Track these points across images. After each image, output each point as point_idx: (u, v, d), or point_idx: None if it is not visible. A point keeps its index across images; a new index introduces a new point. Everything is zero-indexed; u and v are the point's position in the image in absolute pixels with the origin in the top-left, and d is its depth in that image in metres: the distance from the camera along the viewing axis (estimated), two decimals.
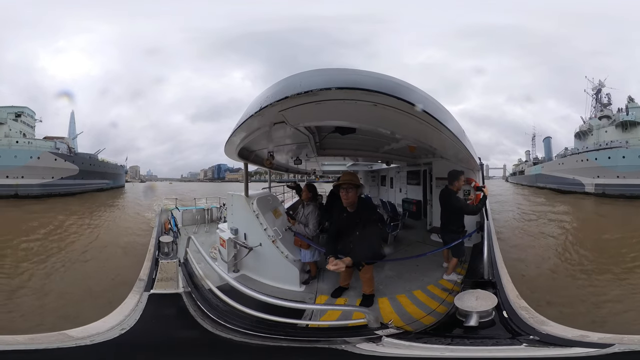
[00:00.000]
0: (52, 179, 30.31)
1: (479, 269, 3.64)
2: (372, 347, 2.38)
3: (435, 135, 3.00)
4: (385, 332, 2.52)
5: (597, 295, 6.44)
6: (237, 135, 3.24)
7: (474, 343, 2.42)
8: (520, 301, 2.86)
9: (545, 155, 62.64)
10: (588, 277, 7.54)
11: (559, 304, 5.68)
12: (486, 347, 2.39)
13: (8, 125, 33.06)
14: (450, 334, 2.60)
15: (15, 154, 28.69)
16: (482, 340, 2.44)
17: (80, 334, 2.59)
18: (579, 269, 8.22)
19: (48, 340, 2.50)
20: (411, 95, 2.10)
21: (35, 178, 28.78)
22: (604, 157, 32.44)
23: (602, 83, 43.61)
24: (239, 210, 4.62)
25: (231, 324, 2.87)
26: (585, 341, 2.31)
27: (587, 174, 33.32)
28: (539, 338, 2.36)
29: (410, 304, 3.59)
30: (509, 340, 2.41)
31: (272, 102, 2.16)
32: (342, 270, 3.05)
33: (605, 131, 38.66)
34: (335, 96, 2.03)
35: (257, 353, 2.55)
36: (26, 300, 6.24)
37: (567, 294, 6.45)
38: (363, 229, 3.31)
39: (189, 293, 3.45)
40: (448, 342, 2.44)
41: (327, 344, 2.46)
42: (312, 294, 3.95)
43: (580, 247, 10.50)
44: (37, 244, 10.75)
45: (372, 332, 2.54)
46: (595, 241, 11.50)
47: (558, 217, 17.30)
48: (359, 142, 5.08)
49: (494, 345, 2.38)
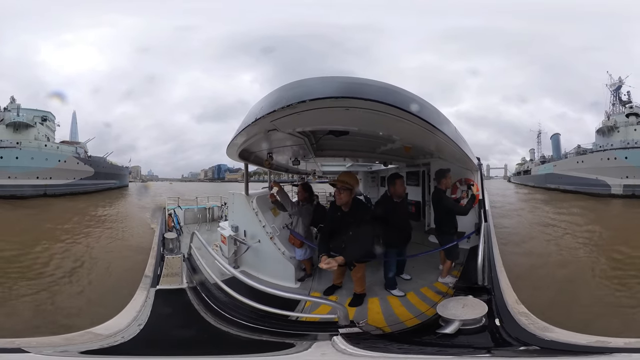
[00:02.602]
0: (74, 179, 32.30)
1: (474, 273, 3.41)
2: (321, 346, 2.29)
3: (427, 136, 2.94)
4: (346, 331, 2.43)
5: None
6: (237, 139, 3.37)
7: (440, 352, 2.21)
8: (519, 306, 2.65)
9: (553, 154, 55.12)
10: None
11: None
12: (442, 356, 2.16)
13: (37, 128, 34.51)
14: (419, 339, 2.46)
15: (46, 156, 30.38)
16: (457, 350, 2.21)
17: (108, 331, 2.58)
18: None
19: (81, 339, 2.45)
20: (389, 98, 2.11)
21: (61, 179, 30.56)
22: (636, 155, 28.67)
23: (622, 80, 38.99)
24: (240, 208, 4.67)
25: (231, 315, 2.93)
26: (605, 346, 2.01)
27: (614, 174, 29.23)
28: (540, 346, 2.06)
29: (400, 306, 3.49)
30: (485, 350, 2.15)
31: (263, 115, 2.34)
32: (335, 269, 3.03)
33: (634, 129, 33.90)
34: (310, 106, 2.14)
35: (243, 344, 2.55)
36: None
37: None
38: (356, 229, 3.26)
39: (193, 288, 3.51)
40: (402, 350, 2.28)
41: (301, 339, 2.41)
42: (306, 291, 3.95)
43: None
44: (99, 228, 13.97)
45: (336, 330, 2.46)
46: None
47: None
48: (356, 143, 5.06)
49: (468, 355, 2.14)
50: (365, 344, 2.28)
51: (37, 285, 6.33)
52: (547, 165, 47.37)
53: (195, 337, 2.77)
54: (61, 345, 2.35)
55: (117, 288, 5.09)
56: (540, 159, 58.84)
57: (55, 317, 4.99)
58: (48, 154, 31.09)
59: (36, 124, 34.68)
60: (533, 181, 50.30)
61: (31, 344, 2.24)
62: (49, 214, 18.44)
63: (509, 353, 2.15)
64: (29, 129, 33.44)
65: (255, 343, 2.54)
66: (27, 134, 32.65)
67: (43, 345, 2.31)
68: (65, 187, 30.55)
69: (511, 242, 10.55)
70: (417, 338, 2.54)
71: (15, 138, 30.59)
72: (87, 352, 2.23)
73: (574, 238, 11.82)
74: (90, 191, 33.38)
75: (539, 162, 56.35)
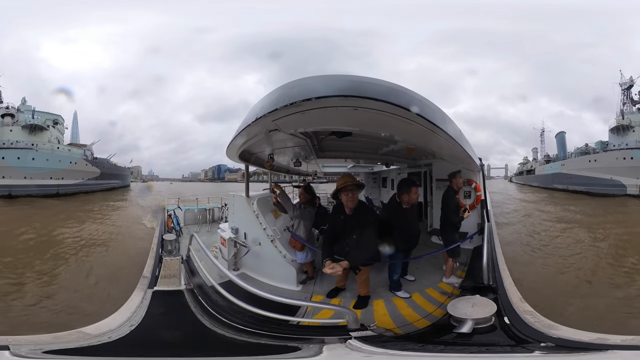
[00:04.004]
0: (82, 179, 33.72)
1: (479, 273, 3.40)
2: (334, 349, 2.25)
3: (432, 138, 2.81)
4: (358, 334, 2.38)
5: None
6: (238, 139, 3.22)
7: (463, 350, 2.20)
8: (524, 305, 2.63)
9: (558, 153, 50.92)
10: None
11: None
12: (481, 354, 2.15)
13: (50, 131, 35.70)
14: (438, 339, 2.42)
15: (59, 158, 31.81)
16: (477, 348, 2.21)
17: (97, 331, 2.54)
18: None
19: (69, 338, 2.44)
20: (397, 98, 2.01)
21: (71, 179, 31.90)
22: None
23: (633, 80, 35.93)
24: (240, 210, 4.51)
25: (228, 319, 2.81)
26: (606, 344, 2.05)
27: (630, 174, 27.55)
28: (554, 344, 2.08)
29: (406, 307, 3.38)
30: (509, 347, 2.17)
31: (265, 114, 2.18)
32: (339, 273, 2.90)
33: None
34: (316, 105, 2.01)
35: (242, 349, 2.46)
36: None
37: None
38: (361, 233, 3.11)
39: (191, 290, 3.38)
40: (418, 348, 2.26)
41: (307, 342, 2.34)
42: (308, 294, 3.79)
43: None
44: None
45: (346, 333, 2.41)
46: None
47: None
48: (358, 144, 4.90)
49: (490, 352, 2.15)
50: (385, 345, 2.26)
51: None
52: (553, 165, 43.90)
53: (188, 339, 2.69)
54: (47, 343, 2.32)
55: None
56: (544, 158, 55.17)
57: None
58: (61, 155, 32.45)
59: (49, 126, 35.85)
60: (538, 181, 47.12)
61: (20, 342, 2.22)
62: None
63: (526, 351, 2.15)
64: (43, 131, 34.60)
65: (252, 346, 2.44)
66: (41, 136, 33.74)
67: (29, 343, 2.26)
68: (75, 187, 31.80)
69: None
70: (434, 338, 2.50)
71: (31, 140, 31.66)
72: (52, 352, 2.19)
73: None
74: (96, 190, 34.71)
75: (543, 162, 52.55)
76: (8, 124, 32.32)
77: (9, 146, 29.07)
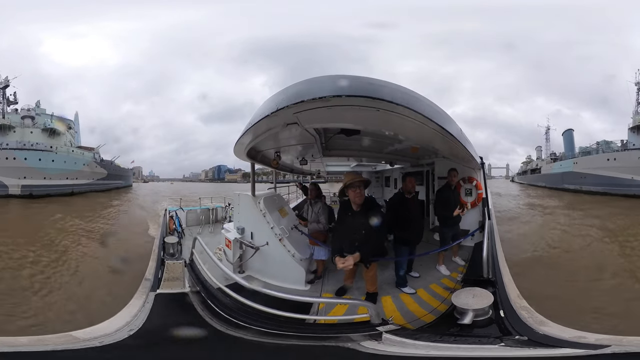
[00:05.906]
0: (92, 180, 35.30)
1: (479, 267, 3.39)
2: (374, 345, 2.24)
3: (436, 137, 2.85)
4: (385, 329, 2.37)
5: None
6: (247, 136, 3.06)
7: (458, 341, 2.24)
8: (520, 301, 2.66)
9: (566, 151, 46.93)
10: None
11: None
12: (468, 345, 2.20)
13: (65, 135, 37.10)
14: (447, 331, 2.41)
15: (75, 160, 33.16)
16: (468, 339, 2.27)
17: (87, 336, 2.38)
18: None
19: (54, 341, 2.30)
20: (417, 105, 2.09)
21: (84, 180, 33.39)
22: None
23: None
24: (246, 209, 4.24)
25: (241, 321, 2.62)
26: (580, 342, 2.13)
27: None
28: (528, 337, 2.19)
29: (413, 302, 3.37)
30: (492, 339, 2.22)
31: (288, 105, 2.13)
32: (351, 266, 2.82)
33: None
34: (344, 102, 2.03)
35: (270, 351, 2.33)
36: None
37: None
38: (369, 228, 3.00)
39: (197, 292, 3.13)
40: (437, 340, 2.26)
41: (334, 341, 2.30)
42: (317, 293, 3.61)
43: None
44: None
45: (373, 328, 2.38)
46: None
47: None
48: (364, 143, 4.70)
49: (475, 344, 2.20)
50: (418, 337, 2.28)
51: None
52: (564, 163, 39.44)
53: (198, 341, 2.50)
54: (29, 345, 2.23)
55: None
56: (550, 156, 51.19)
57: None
58: (76, 158, 33.91)
59: (66, 132, 37.52)
60: (544, 181, 42.64)
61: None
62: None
63: (499, 342, 2.21)
64: (61, 135, 35.87)
65: (280, 347, 2.34)
66: (58, 139, 34.88)
67: (12, 345, 2.18)
68: (86, 187, 33.12)
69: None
70: (446, 330, 2.50)
71: (49, 142, 32.70)
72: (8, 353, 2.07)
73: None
74: (103, 190, 36.25)
75: (550, 160, 48.28)
76: (28, 125, 33.51)
77: (29, 147, 29.92)
